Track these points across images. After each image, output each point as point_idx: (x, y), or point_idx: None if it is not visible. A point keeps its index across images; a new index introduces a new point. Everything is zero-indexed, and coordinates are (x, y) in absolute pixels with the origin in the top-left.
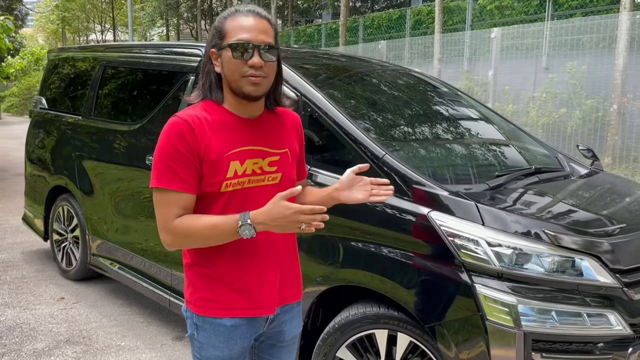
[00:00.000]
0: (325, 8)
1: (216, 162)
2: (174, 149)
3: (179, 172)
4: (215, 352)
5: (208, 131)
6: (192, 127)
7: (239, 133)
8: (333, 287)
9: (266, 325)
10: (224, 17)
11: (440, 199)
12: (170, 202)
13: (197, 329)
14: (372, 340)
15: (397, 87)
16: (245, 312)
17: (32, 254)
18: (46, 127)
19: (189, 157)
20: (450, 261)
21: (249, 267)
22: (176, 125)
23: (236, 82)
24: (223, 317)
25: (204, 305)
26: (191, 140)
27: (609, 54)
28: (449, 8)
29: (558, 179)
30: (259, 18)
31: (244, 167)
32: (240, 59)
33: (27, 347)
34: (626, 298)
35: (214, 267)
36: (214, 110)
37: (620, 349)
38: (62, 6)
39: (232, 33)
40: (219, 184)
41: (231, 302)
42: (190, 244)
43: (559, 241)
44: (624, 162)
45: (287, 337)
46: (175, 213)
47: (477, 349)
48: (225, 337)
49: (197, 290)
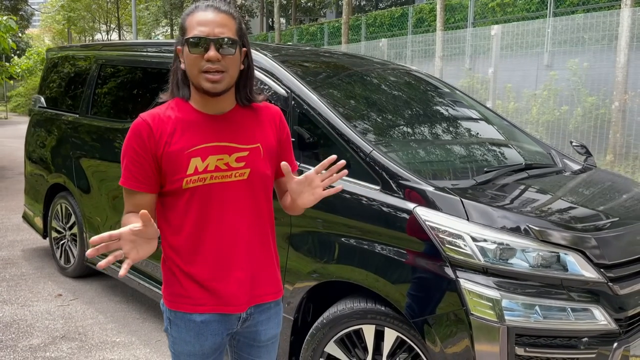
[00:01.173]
0: (329, 6)
1: (176, 160)
2: (131, 149)
3: (133, 172)
4: (187, 347)
5: (169, 129)
6: (151, 127)
7: (203, 130)
8: (322, 283)
9: (239, 324)
10: (186, 13)
11: (426, 195)
12: (128, 199)
13: (170, 324)
14: (360, 336)
15: (388, 85)
16: (214, 309)
17: (32, 252)
18: (45, 125)
19: (144, 156)
20: (436, 256)
21: (215, 264)
22: (135, 126)
23: (195, 77)
24: (193, 313)
25: (175, 300)
26: (148, 140)
27: (611, 51)
28: (451, 6)
29: (548, 175)
30: (217, 12)
31: (205, 164)
32: (197, 53)
33: (23, 343)
34: (611, 293)
35: (184, 263)
36: (181, 108)
37: (605, 344)
38: (68, 6)
39: (190, 29)
40: (180, 181)
41: (200, 298)
42: None
43: (544, 236)
44: (625, 160)
45: (262, 337)
46: (128, 209)
47: (462, 344)
48: (195, 332)
49: (169, 285)
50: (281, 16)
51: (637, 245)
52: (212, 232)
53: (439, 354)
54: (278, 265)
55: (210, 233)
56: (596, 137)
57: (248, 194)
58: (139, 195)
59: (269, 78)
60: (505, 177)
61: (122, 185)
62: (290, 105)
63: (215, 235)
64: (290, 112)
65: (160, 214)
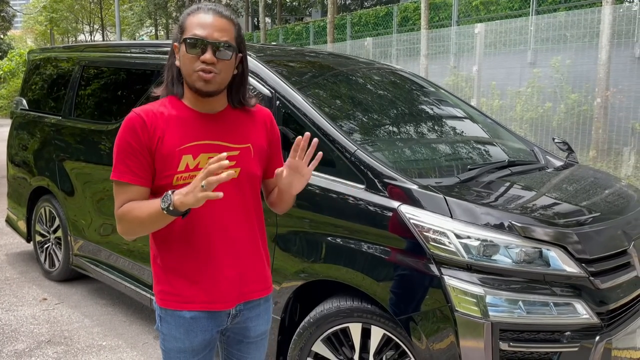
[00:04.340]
0: (314, 6)
1: (168, 156)
2: (126, 143)
3: (130, 165)
4: (177, 343)
5: (162, 125)
6: (145, 121)
7: (195, 128)
8: (309, 282)
9: (229, 320)
10: (187, 13)
11: (410, 193)
12: (121, 193)
13: (161, 321)
14: (347, 334)
15: (373, 84)
16: (203, 306)
17: (16, 256)
18: (27, 128)
19: (140, 150)
20: (421, 254)
21: (205, 262)
22: (130, 120)
23: (189, 76)
24: (182, 310)
25: (165, 298)
26: (142, 134)
27: (592, 48)
28: (435, 4)
29: (531, 171)
30: (218, 16)
31: (196, 161)
32: (193, 54)
33: (8, 348)
34: (593, 287)
35: (173, 260)
36: (174, 105)
37: (588, 338)
38: (50, 7)
39: (190, 28)
40: (170, 177)
41: (189, 295)
42: (133, 229)
43: (526, 232)
44: (608, 156)
45: (252, 333)
46: (124, 201)
47: (447, 340)
48: (185, 329)
49: (159, 283)
50: (266, 15)
51: (618, 240)
52: (202, 230)
53: (424, 350)
54: (268, 263)
55: (200, 230)
56: (579, 133)
57: (238, 193)
58: (135, 189)
59: (253, 78)
60: (489, 174)
61: (117, 179)
62: (274, 106)
63: (205, 233)
64: (275, 112)
65: None
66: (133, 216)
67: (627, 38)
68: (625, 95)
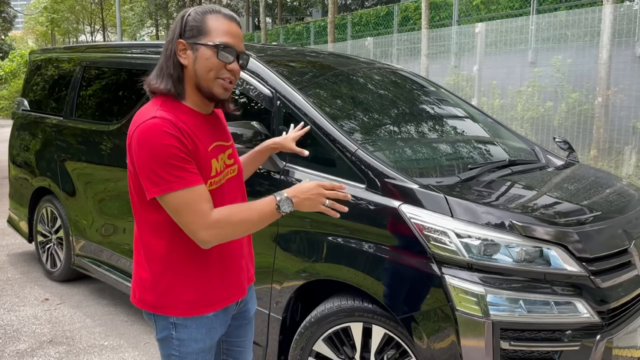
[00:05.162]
0: (315, 6)
1: (202, 162)
2: (173, 148)
3: (189, 169)
4: (197, 345)
5: (188, 130)
6: (177, 127)
7: (207, 130)
8: (310, 282)
9: (236, 308)
10: (203, 12)
11: (411, 192)
12: (197, 199)
13: (176, 328)
14: (348, 333)
15: (374, 84)
16: (225, 303)
17: (18, 256)
18: (29, 129)
19: (187, 152)
20: (421, 253)
21: (228, 258)
22: (164, 125)
23: (210, 81)
24: (208, 313)
25: (189, 307)
26: (182, 138)
27: (593, 47)
28: (435, 4)
29: (531, 170)
30: (239, 27)
31: (219, 164)
32: (224, 60)
33: (10, 349)
34: (593, 286)
35: (197, 267)
36: (178, 109)
37: (589, 337)
38: (51, 8)
39: (217, 33)
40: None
41: (215, 296)
42: (233, 234)
43: (527, 231)
44: (609, 155)
45: (250, 314)
46: (209, 207)
47: (448, 339)
48: (207, 328)
49: (178, 293)
50: (267, 15)
51: (618, 239)
52: None
53: (425, 350)
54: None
55: None
56: (580, 132)
57: (240, 188)
58: (204, 189)
59: (253, 78)
60: (489, 173)
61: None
62: (275, 106)
63: None
64: (276, 112)
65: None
66: (239, 219)
67: (627, 37)
68: (626, 95)
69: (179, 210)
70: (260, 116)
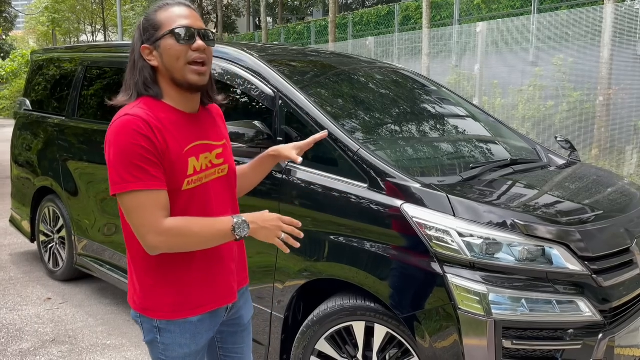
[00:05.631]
0: (316, 5)
1: (176, 161)
2: (139, 148)
3: (150, 171)
4: (182, 350)
5: (162, 129)
6: (150, 125)
7: (187, 129)
8: (312, 281)
9: (226, 314)
10: (154, 11)
11: (413, 192)
12: (152, 203)
13: (160, 332)
14: (351, 332)
15: (375, 83)
16: (212, 306)
17: (20, 256)
18: (31, 128)
19: (155, 154)
20: (423, 252)
21: (215, 260)
22: (135, 123)
23: (180, 70)
24: (192, 316)
25: (171, 310)
26: (153, 137)
27: (595, 46)
28: (436, 3)
29: (533, 170)
30: (190, 8)
31: (200, 163)
32: (186, 43)
33: (13, 348)
34: (595, 285)
35: (182, 269)
36: (157, 107)
37: (591, 335)
38: (52, 8)
39: (170, 22)
40: (180, 182)
41: (198, 299)
42: (182, 245)
43: (529, 230)
44: (610, 154)
45: (245, 320)
46: (161, 214)
47: (450, 338)
48: (191, 333)
49: (160, 296)
50: (268, 15)
51: (620, 238)
52: None
53: (428, 349)
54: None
55: None
56: (581, 131)
57: (228, 189)
58: (162, 194)
59: (255, 78)
60: (491, 173)
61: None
62: (277, 105)
63: None
64: (278, 112)
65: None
66: (192, 232)
67: (629, 36)
68: (627, 94)
69: (130, 211)
70: (262, 116)
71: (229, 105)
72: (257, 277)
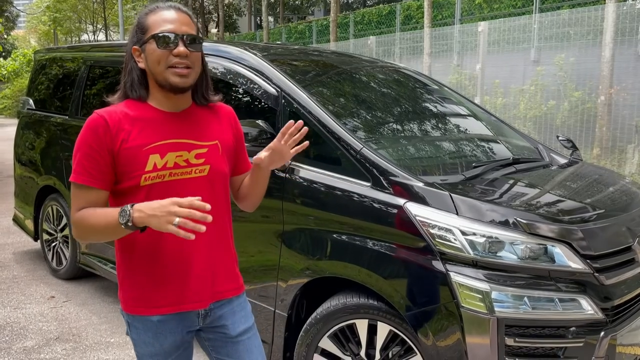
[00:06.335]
0: (317, 4)
1: (134, 156)
2: (85, 145)
3: (87, 167)
4: (147, 347)
5: (126, 126)
6: (107, 123)
7: (161, 127)
8: (315, 279)
9: (200, 321)
10: (144, 13)
11: (416, 190)
12: (78, 195)
13: (129, 326)
14: (354, 330)
15: (377, 82)
16: (172, 309)
17: (23, 255)
18: (34, 127)
19: (99, 151)
20: (426, 250)
21: (175, 263)
22: (91, 122)
23: (162, 73)
24: (150, 315)
25: (133, 305)
26: (103, 136)
27: (596, 46)
28: (438, 3)
29: (535, 169)
30: (180, 12)
31: (164, 160)
32: (165, 49)
33: (17, 345)
34: (597, 283)
35: (141, 264)
36: (138, 107)
37: (593, 333)
38: (54, 7)
39: (155, 26)
40: (137, 178)
41: (157, 299)
42: (86, 236)
43: (532, 229)
44: (612, 153)
45: (232, 332)
46: (80, 206)
47: (453, 336)
48: (153, 332)
49: (126, 289)
50: (269, 15)
51: (622, 237)
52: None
53: (430, 346)
54: (237, 261)
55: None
56: (583, 131)
57: (208, 191)
58: (92, 191)
59: (258, 77)
60: (494, 171)
61: (73, 181)
62: (280, 104)
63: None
64: (281, 111)
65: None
66: (88, 224)
67: (630, 36)
68: (629, 93)
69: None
70: (265, 115)
71: (231, 104)
72: (260, 276)
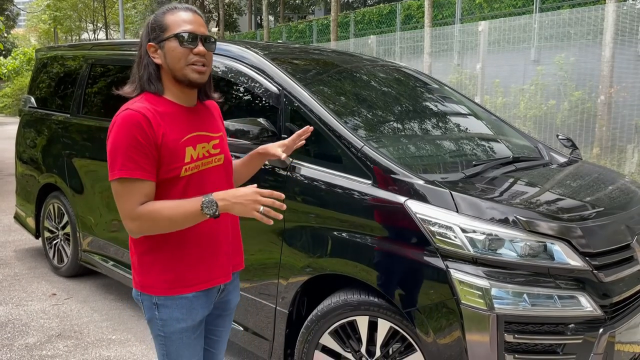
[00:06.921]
0: (317, 4)
1: (174, 150)
2: (133, 140)
3: (139, 162)
4: (179, 324)
5: (161, 121)
6: (148, 118)
7: (186, 120)
8: (316, 277)
9: (217, 296)
10: (162, 12)
11: (416, 188)
12: (133, 190)
13: (158, 308)
14: (354, 327)
15: (378, 81)
16: (206, 285)
17: (25, 252)
18: (35, 126)
19: (148, 146)
20: (427, 248)
21: (208, 244)
22: (133, 117)
23: (181, 70)
24: (187, 293)
25: (167, 287)
26: (148, 130)
27: (596, 45)
28: (438, 2)
29: (535, 167)
30: (196, 14)
31: (197, 152)
32: (187, 47)
33: (19, 342)
34: (596, 280)
35: (177, 248)
36: (157, 102)
37: (591, 330)
38: (54, 6)
39: (176, 25)
40: (178, 169)
41: (191, 277)
42: (156, 228)
43: (531, 226)
44: (611, 153)
45: (232, 305)
46: (139, 200)
47: (453, 332)
48: (187, 308)
49: (158, 273)
50: (270, 14)
51: (621, 234)
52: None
53: (430, 343)
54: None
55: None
56: (583, 130)
57: (224, 177)
58: (147, 184)
59: (260, 75)
60: (494, 170)
61: (126, 177)
62: (282, 102)
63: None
64: (282, 109)
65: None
66: (164, 216)
67: (630, 35)
68: (629, 93)
69: (115, 196)
70: (266, 113)
71: (233, 102)
72: (262, 274)
